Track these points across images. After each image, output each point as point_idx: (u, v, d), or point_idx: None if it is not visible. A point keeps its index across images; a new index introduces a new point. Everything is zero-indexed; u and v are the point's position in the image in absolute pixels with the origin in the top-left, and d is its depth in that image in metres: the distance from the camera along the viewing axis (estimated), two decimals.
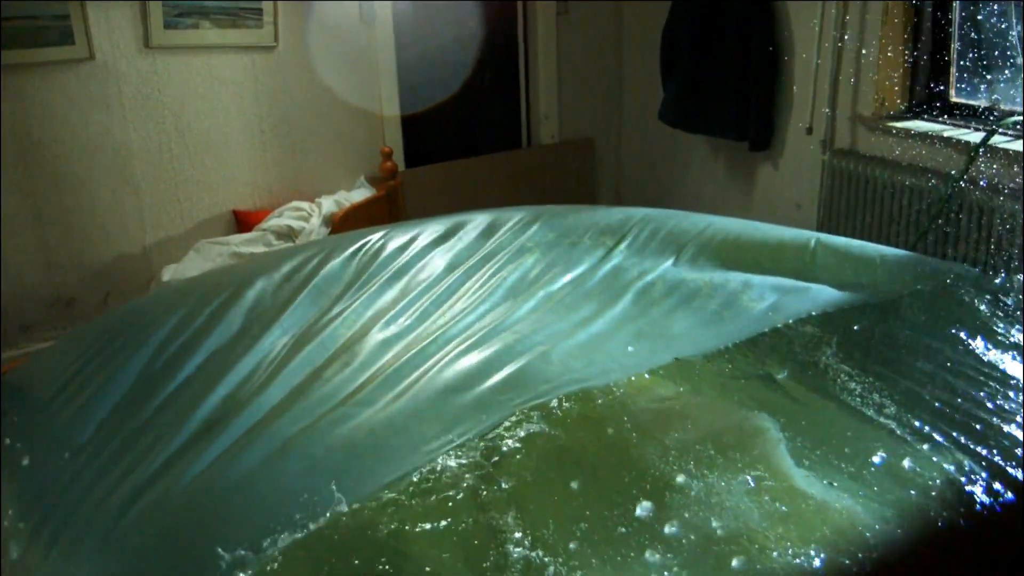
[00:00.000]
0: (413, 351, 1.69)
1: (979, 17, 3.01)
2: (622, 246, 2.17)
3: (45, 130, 3.21)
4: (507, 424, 1.42)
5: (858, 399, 1.50)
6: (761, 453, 1.35)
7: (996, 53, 2.96)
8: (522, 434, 1.40)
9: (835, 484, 1.28)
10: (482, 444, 1.38)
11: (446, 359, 1.64)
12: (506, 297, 1.95)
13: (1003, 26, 2.91)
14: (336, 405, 1.51)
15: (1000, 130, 2.84)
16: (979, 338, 1.66)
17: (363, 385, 1.58)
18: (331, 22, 3.75)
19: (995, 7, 2.94)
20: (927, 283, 1.88)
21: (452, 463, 1.34)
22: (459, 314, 1.86)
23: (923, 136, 3.05)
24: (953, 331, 1.70)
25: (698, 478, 1.29)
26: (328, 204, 3.60)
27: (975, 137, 2.89)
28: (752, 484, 1.28)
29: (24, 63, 3.11)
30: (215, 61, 3.52)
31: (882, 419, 1.44)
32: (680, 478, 1.29)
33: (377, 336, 1.77)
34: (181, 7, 3.38)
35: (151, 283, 3.39)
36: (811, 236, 2.12)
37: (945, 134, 3.00)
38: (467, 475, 1.31)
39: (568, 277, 2.03)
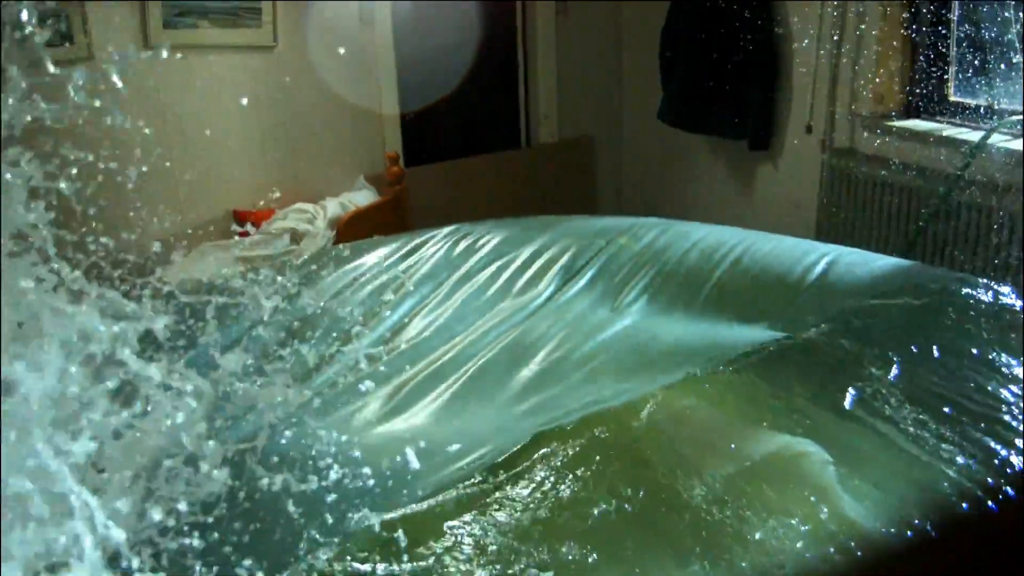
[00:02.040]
0: (430, 369, 1.68)
1: (979, 16, 3.01)
2: (629, 259, 2.14)
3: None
4: (527, 450, 1.34)
5: (897, 422, 1.41)
6: (814, 487, 1.25)
7: (995, 52, 2.96)
8: (550, 463, 1.31)
9: (893, 531, 1.19)
10: (503, 474, 1.30)
11: (462, 378, 1.63)
12: (516, 312, 1.93)
13: (1003, 25, 2.91)
14: (349, 420, 1.50)
15: (1000, 129, 2.84)
16: (993, 346, 1.62)
17: (379, 400, 1.57)
18: (330, 22, 3.75)
19: (995, 6, 2.94)
20: (932, 295, 1.83)
21: (471, 492, 1.26)
22: (478, 329, 1.84)
23: (922, 135, 3.05)
24: (964, 339, 1.65)
25: (756, 524, 1.18)
26: (333, 207, 3.59)
27: (974, 136, 2.90)
28: (812, 527, 1.16)
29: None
30: (215, 61, 3.52)
31: (923, 448, 1.35)
32: (736, 523, 1.18)
33: (395, 352, 1.76)
34: (180, 7, 3.37)
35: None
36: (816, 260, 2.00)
37: (944, 133, 3.01)
38: (488, 511, 1.22)
39: (574, 291, 2.02)
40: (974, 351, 1.62)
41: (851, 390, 1.52)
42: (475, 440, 1.40)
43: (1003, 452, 1.33)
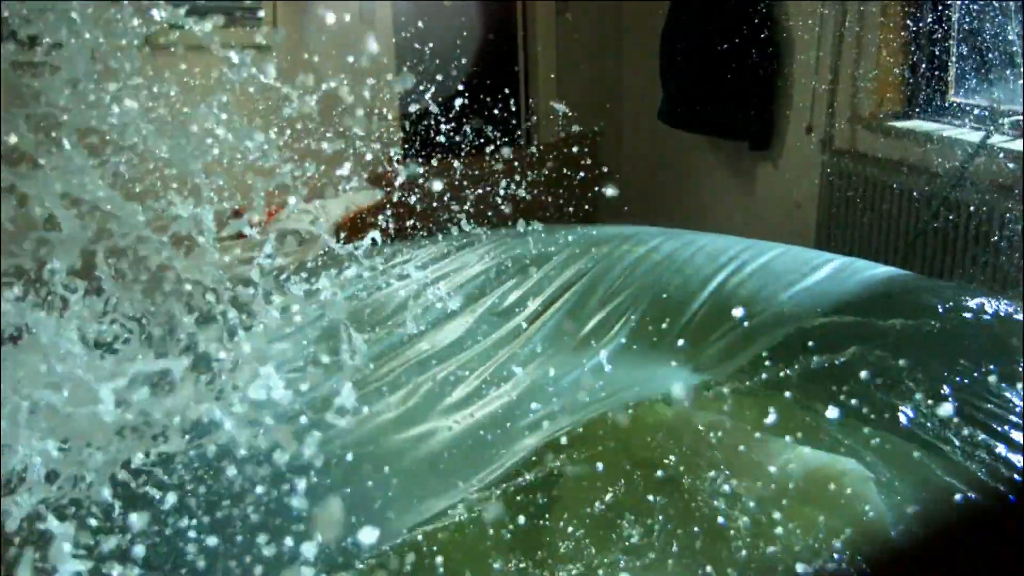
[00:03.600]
0: (438, 379, 1.68)
1: (979, 16, 3.01)
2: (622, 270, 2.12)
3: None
4: (536, 465, 1.30)
5: (924, 435, 1.37)
6: (859, 508, 1.19)
7: (996, 53, 2.96)
8: (567, 481, 1.26)
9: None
10: (514, 489, 1.27)
11: (466, 390, 1.63)
12: (505, 330, 1.94)
13: (1003, 26, 2.91)
14: (353, 431, 1.49)
15: (1000, 130, 2.84)
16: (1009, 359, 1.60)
17: (386, 411, 1.57)
18: (330, 22, 3.75)
19: (995, 6, 2.94)
20: (942, 311, 1.77)
21: (490, 508, 1.21)
22: (477, 347, 1.84)
23: (922, 136, 3.05)
24: (980, 352, 1.62)
25: (809, 556, 1.10)
26: (335, 207, 3.60)
27: (974, 137, 2.89)
28: (864, 557, 1.10)
29: (23, 62, 3.10)
30: (214, 61, 3.51)
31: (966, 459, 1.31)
32: (787, 556, 1.09)
33: (406, 363, 1.77)
34: (179, 6, 3.37)
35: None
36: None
37: (944, 134, 3.00)
38: (504, 539, 1.18)
39: (562, 310, 2.00)
40: (992, 364, 1.58)
41: (875, 403, 1.49)
42: (484, 454, 1.39)
43: None
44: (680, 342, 1.80)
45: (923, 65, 3.20)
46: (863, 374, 1.58)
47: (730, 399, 1.54)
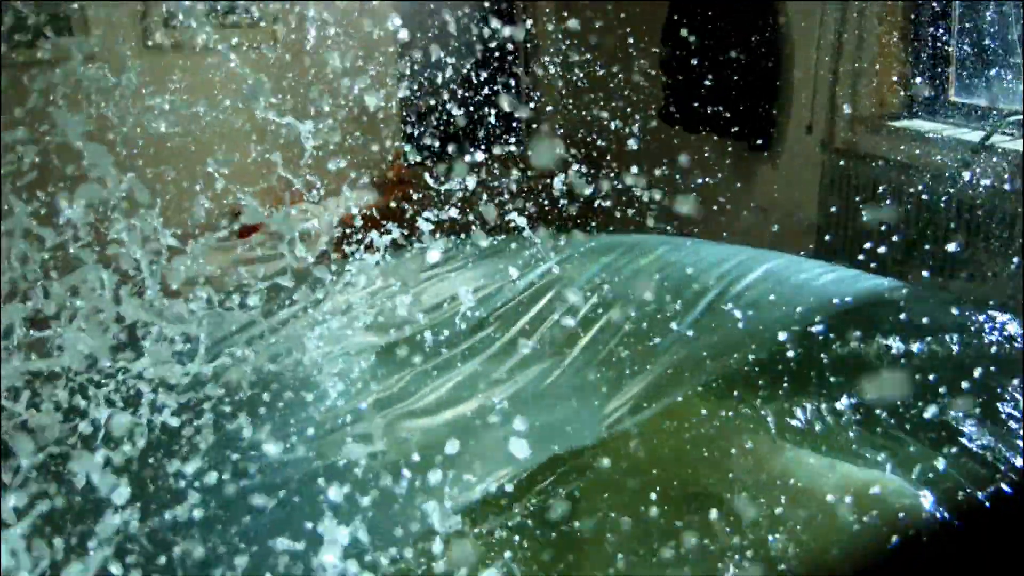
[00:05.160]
0: (449, 385, 1.69)
1: (979, 16, 3.01)
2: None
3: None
4: (546, 471, 1.29)
5: (949, 446, 1.35)
6: (905, 529, 1.15)
7: (995, 52, 2.96)
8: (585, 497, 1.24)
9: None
10: (531, 503, 1.26)
11: (477, 394, 1.64)
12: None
13: (1003, 25, 2.91)
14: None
15: (999, 130, 2.84)
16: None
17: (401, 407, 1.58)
18: (331, 21, 3.75)
19: (995, 6, 2.94)
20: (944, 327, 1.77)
21: (500, 513, 1.21)
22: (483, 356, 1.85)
23: (922, 135, 3.05)
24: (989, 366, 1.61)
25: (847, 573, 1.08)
26: (335, 208, 3.60)
27: (974, 136, 2.89)
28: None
29: (24, 62, 3.10)
30: (214, 61, 3.52)
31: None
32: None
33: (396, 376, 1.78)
34: (180, 7, 3.37)
35: None
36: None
37: (944, 133, 3.00)
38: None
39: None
40: (997, 375, 1.58)
41: (885, 414, 1.48)
42: (496, 459, 1.38)
43: None
44: (681, 350, 1.80)
45: (923, 65, 3.20)
46: (865, 383, 1.57)
47: (759, 415, 1.52)
